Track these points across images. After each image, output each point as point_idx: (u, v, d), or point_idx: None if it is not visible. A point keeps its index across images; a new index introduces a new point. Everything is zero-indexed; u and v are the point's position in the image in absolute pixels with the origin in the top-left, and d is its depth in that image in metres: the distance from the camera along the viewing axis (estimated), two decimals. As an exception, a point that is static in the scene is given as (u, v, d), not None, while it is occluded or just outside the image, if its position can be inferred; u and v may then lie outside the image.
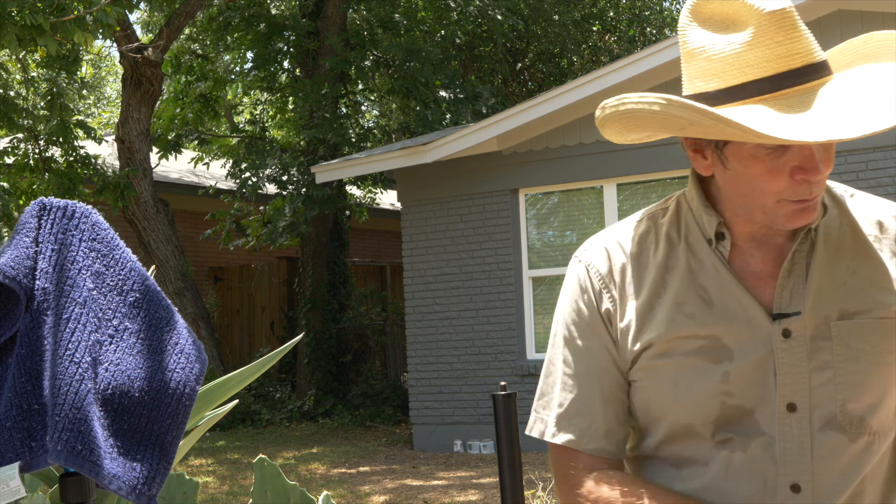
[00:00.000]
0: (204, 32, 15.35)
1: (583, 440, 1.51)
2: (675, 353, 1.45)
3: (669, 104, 1.31)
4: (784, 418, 1.41)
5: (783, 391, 1.41)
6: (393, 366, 14.39)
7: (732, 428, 1.43)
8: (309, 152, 13.72)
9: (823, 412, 1.41)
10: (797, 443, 1.40)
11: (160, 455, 1.40)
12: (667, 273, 1.48)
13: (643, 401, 1.50)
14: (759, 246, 1.46)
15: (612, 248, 1.54)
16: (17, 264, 1.33)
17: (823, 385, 1.40)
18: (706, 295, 1.45)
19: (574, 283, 1.55)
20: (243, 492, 8.15)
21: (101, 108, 28.59)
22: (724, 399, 1.42)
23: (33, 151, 12.21)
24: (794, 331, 1.41)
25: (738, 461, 1.43)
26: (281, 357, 2.58)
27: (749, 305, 1.43)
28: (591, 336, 1.52)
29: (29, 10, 8.15)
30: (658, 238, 1.52)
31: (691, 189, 1.51)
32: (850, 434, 1.41)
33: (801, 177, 1.34)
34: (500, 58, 18.22)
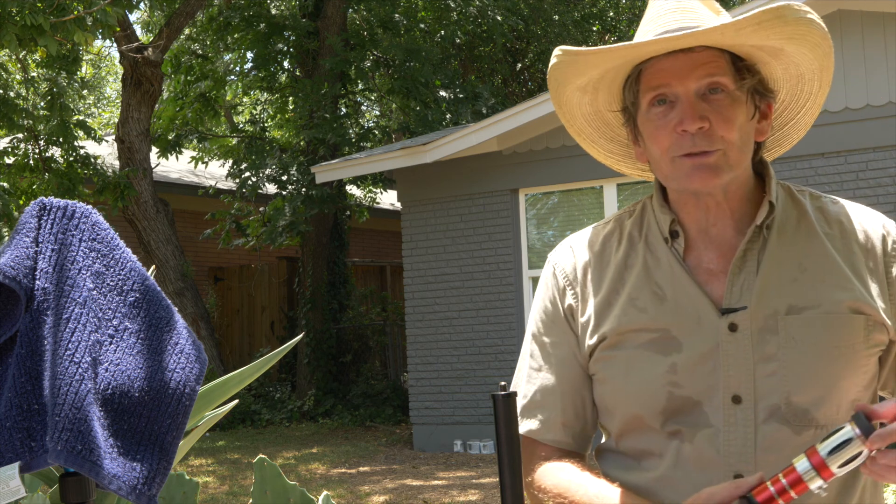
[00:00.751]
0: (204, 32, 15.35)
1: (541, 431, 1.59)
2: (627, 346, 1.52)
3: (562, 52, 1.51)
4: (729, 410, 1.45)
5: (728, 383, 1.46)
6: (393, 366, 14.39)
7: (680, 419, 1.48)
8: (309, 152, 13.72)
9: (768, 404, 1.45)
10: (741, 434, 1.45)
11: (160, 455, 1.40)
12: (626, 270, 1.57)
13: (600, 394, 1.57)
14: (713, 243, 1.53)
15: (577, 248, 1.65)
16: (17, 264, 1.33)
17: (768, 377, 1.45)
18: (660, 291, 1.52)
19: (543, 283, 1.66)
20: (243, 492, 8.15)
21: (102, 109, 28.59)
22: (672, 390, 1.48)
23: (33, 151, 12.21)
24: (740, 324, 1.46)
25: (686, 452, 1.47)
26: (281, 357, 2.58)
27: (699, 300, 1.49)
28: (555, 332, 1.61)
29: (29, 10, 8.15)
30: (621, 238, 1.61)
31: (654, 190, 1.61)
32: (795, 426, 1.45)
33: (681, 128, 1.44)
34: (499, 58, 18.22)
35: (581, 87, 1.58)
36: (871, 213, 1.56)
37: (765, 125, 1.53)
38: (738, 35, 1.43)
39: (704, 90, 1.46)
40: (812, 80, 1.54)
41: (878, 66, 8.36)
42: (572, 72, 1.53)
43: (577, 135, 1.66)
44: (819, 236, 1.52)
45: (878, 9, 8.36)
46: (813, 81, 1.55)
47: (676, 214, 1.55)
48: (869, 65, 8.40)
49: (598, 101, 1.60)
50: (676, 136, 1.45)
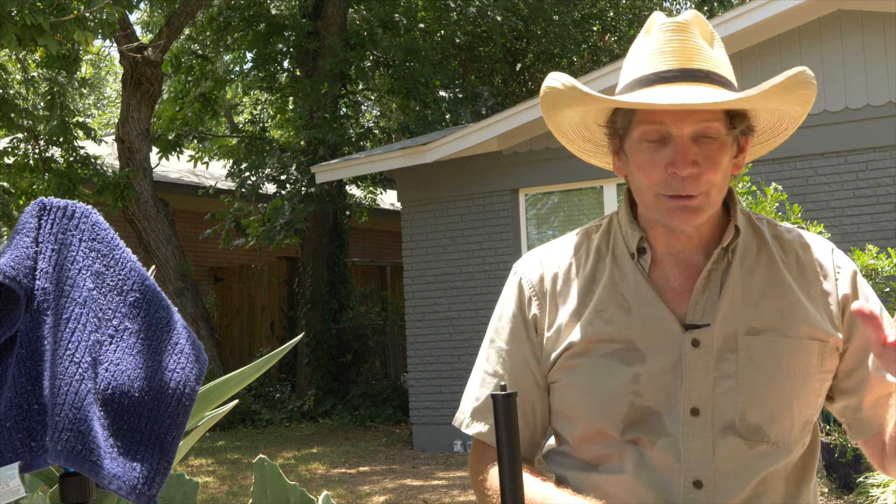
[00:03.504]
0: (204, 32, 15.35)
1: (490, 435, 1.63)
2: (592, 355, 1.56)
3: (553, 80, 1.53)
4: (688, 421, 1.51)
5: (688, 395, 1.51)
6: (393, 366, 14.39)
7: (640, 427, 1.53)
8: (309, 152, 13.72)
9: (724, 418, 1.51)
10: (700, 444, 1.50)
11: (160, 455, 1.40)
12: (593, 283, 1.61)
13: (560, 401, 1.62)
14: (678, 262, 1.58)
15: (545, 260, 1.68)
16: (17, 264, 1.33)
17: (726, 393, 1.51)
18: (625, 303, 1.57)
19: (507, 291, 1.71)
20: (243, 492, 8.15)
21: (102, 110, 28.59)
22: (634, 399, 1.53)
23: (33, 151, 12.21)
24: (702, 341, 1.52)
25: (647, 458, 1.53)
26: (281, 357, 2.58)
27: (664, 315, 1.54)
28: (514, 340, 1.66)
29: (29, 10, 8.15)
30: (589, 251, 1.65)
31: (623, 206, 1.65)
32: (748, 440, 1.51)
33: (672, 170, 1.48)
34: (499, 58, 18.21)
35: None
36: (822, 242, 1.64)
37: (741, 159, 1.58)
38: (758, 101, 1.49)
39: (698, 134, 1.49)
40: (793, 119, 1.60)
41: (878, 66, 8.35)
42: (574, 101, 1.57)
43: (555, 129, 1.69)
44: (778, 264, 1.58)
45: (878, 9, 8.36)
46: (793, 119, 1.60)
47: (644, 232, 1.60)
48: (869, 65, 8.40)
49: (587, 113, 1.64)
50: (666, 175, 1.49)
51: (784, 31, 8.69)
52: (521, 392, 1.61)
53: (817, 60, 8.58)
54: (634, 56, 1.58)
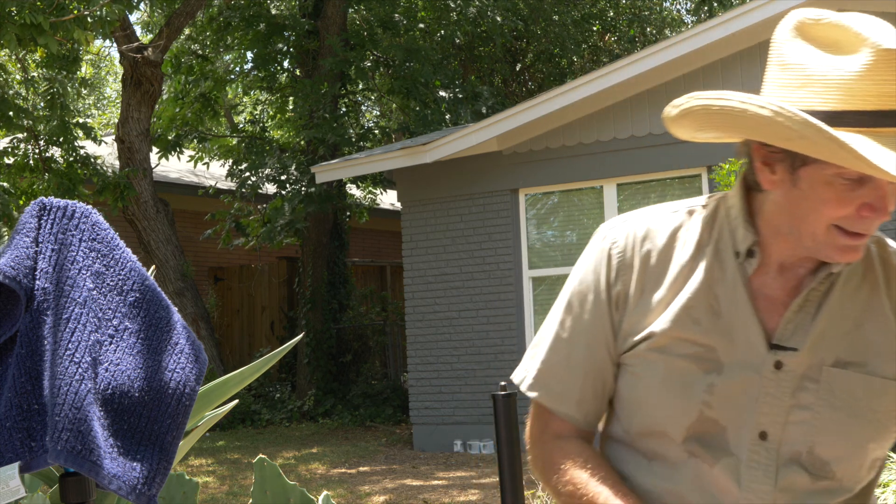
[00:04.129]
0: (204, 32, 15.35)
1: (554, 402, 1.55)
2: (671, 352, 1.46)
3: (781, 114, 1.29)
4: (754, 444, 1.43)
5: (759, 419, 1.43)
6: (393, 366, 14.39)
7: (703, 440, 1.45)
8: (309, 152, 13.72)
9: (791, 448, 1.43)
10: (762, 471, 1.43)
11: (160, 455, 1.40)
12: (688, 273, 1.48)
13: (630, 387, 1.52)
14: (782, 271, 1.46)
15: (640, 232, 1.53)
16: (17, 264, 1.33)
17: (799, 424, 1.43)
18: (716, 305, 1.46)
19: (593, 256, 1.55)
20: (243, 492, 8.15)
21: (102, 110, 28.60)
22: (703, 409, 1.45)
23: (33, 151, 12.21)
24: (786, 364, 1.43)
25: (705, 475, 1.45)
26: (281, 357, 2.58)
27: (752, 328, 1.44)
28: (594, 311, 1.53)
29: (29, 10, 8.15)
30: (689, 235, 1.51)
31: (735, 197, 1.49)
32: (813, 475, 1.43)
33: (868, 213, 1.34)
34: (499, 58, 18.21)
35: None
36: None
37: None
38: None
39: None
40: None
41: (878, 66, 8.34)
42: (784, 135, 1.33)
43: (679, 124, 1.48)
44: (881, 295, 1.47)
45: (878, 9, 8.36)
46: None
47: (759, 233, 1.46)
48: (869, 65, 8.39)
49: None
50: (856, 214, 1.34)
51: (784, 31, 8.69)
52: (596, 366, 1.53)
53: (817, 60, 8.57)
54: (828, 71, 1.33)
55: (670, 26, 20.98)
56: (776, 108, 1.29)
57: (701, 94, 1.38)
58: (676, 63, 8.97)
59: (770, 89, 1.38)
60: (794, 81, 1.35)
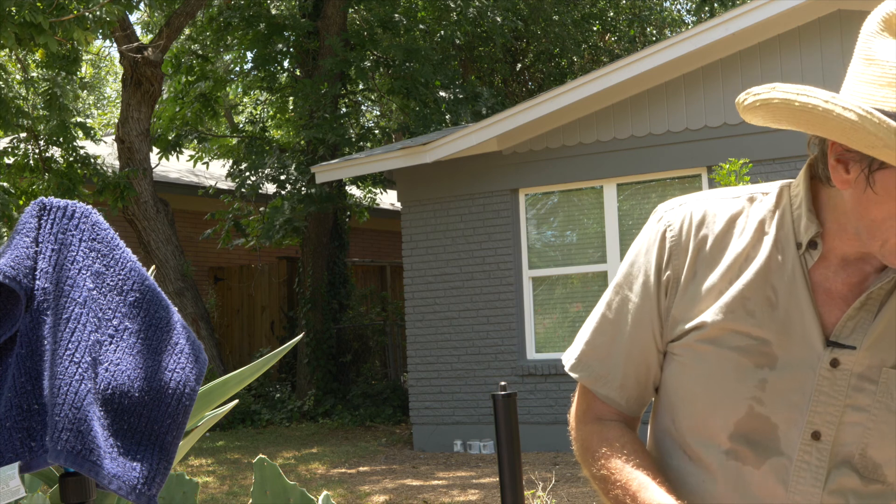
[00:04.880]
0: (204, 32, 15.36)
1: (596, 383, 1.52)
2: (722, 344, 1.42)
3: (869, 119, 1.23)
4: (807, 445, 1.40)
5: (813, 418, 1.39)
6: (393, 366, 14.39)
7: (750, 438, 1.42)
8: (309, 152, 13.73)
9: (844, 450, 1.40)
10: (813, 472, 1.39)
11: (160, 455, 1.40)
12: (745, 262, 1.44)
13: (676, 378, 1.48)
14: (845, 267, 1.42)
15: (697, 216, 1.48)
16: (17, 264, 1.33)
17: (853, 424, 1.39)
18: (773, 296, 1.41)
19: (647, 238, 1.51)
20: (243, 492, 8.15)
21: (102, 110, 28.60)
22: (754, 405, 1.41)
23: (33, 151, 12.21)
24: (843, 363, 1.39)
25: (747, 476, 1.42)
26: (281, 357, 2.58)
27: (810, 323, 1.40)
28: (643, 294, 1.49)
29: (28, 9, 8.15)
30: (748, 223, 1.46)
31: (800, 187, 1.45)
32: (864, 478, 1.40)
33: None
34: (499, 58, 18.22)
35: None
36: None
37: None
38: None
39: None
40: None
41: (878, 66, 8.35)
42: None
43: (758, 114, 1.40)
44: None
45: (878, 9, 8.35)
46: None
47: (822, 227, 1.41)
48: (869, 65, 8.39)
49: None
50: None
51: (784, 31, 8.69)
52: (641, 352, 1.49)
53: (817, 60, 8.58)
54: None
55: (670, 26, 20.98)
56: (863, 113, 1.23)
57: (785, 88, 1.31)
58: (676, 63, 8.97)
59: (852, 85, 1.32)
60: (878, 79, 1.28)
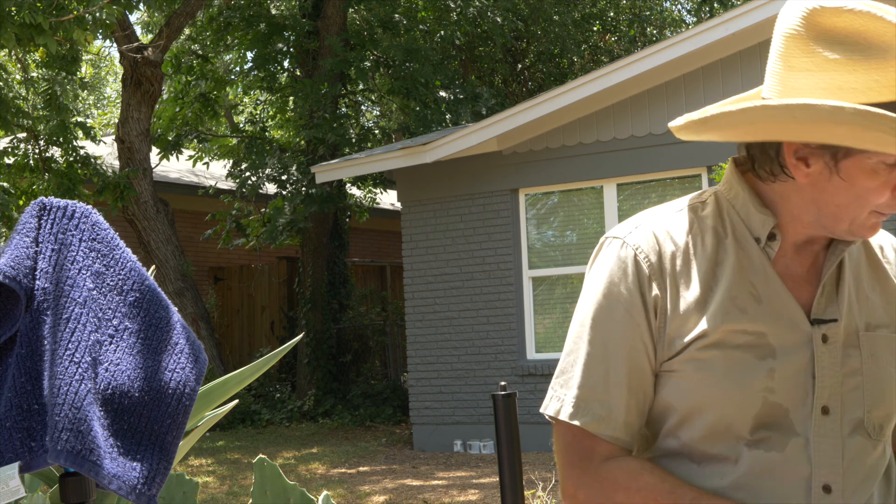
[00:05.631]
0: (204, 32, 15.36)
1: (601, 426, 1.47)
2: (727, 345, 1.45)
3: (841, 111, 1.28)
4: (819, 420, 1.45)
5: (820, 394, 1.46)
6: (393, 366, 14.39)
7: (770, 426, 1.45)
8: (309, 152, 13.73)
9: (852, 417, 1.47)
10: (830, 445, 1.45)
11: (160, 455, 1.40)
12: (716, 266, 1.48)
13: (681, 394, 1.48)
14: (798, 251, 1.51)
15: (661, 234, 1.51)
16: (17, 264, 1.33)
17: (853, 391, 1.47)
18: (755, 291, 1.47)
19: (616, 266, 1.50)
20: (243, 492, 8.15)
21: (102, 110, 28.60)
22: (767, 395, 1.44)
23: (33, 151, 12.21)
24: (831, 336, 1.47)
25: (772, 460, 1.45)
26: (281, 357, 2.58)
27: (792, 307, 1.47)
28: (629, 322, 1.48)
29: (28, 10, 8.15)
30: (703, 230, 1.51)
31: (735, 188, 1.52)
32: (873, 440, 1.48)
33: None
34: (500, 58, 18.22)
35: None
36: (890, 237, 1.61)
37: None
38: None
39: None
40: None
41: (878, 66, 8.35)
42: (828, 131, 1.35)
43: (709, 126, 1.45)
44: (878, 258, 1.56)
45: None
46: None
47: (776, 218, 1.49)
48: (869, 65, 8.40)
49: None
50: (892, 198, 1.39)
51: (784, 31, 8.69)
52: (640, 382, 1.48)
53: (817, 60, 8.58)
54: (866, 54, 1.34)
55: (670, 26, 20.98)
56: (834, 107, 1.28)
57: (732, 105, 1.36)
58: (676, 63, 8.97)
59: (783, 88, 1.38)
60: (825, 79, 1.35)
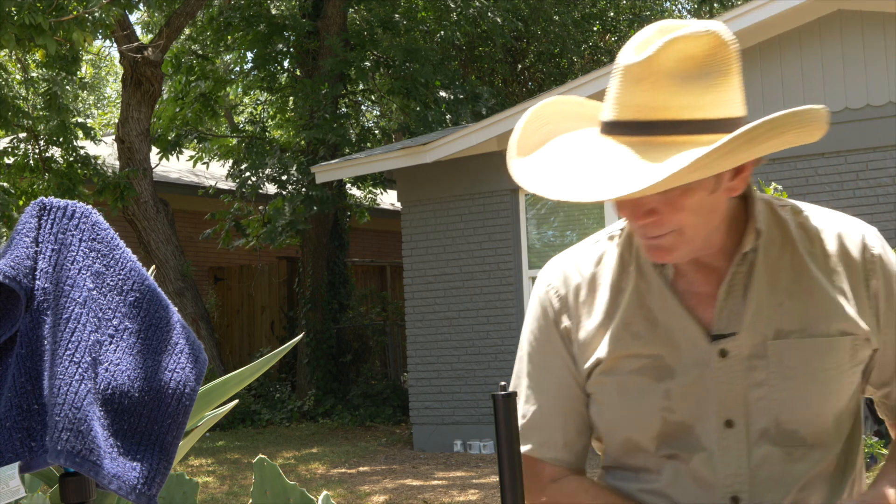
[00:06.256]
0: (204, 32, 15.35)
1: (542, 450, 1.60)
2: (620, 371, 1.53)
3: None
4: (722, 433, 1.48)
5: (720, 408, 1.48)
6: (393, 366, 14.39)
7: (674, 443, 1.51)
8: (309, 152, 13.72)
9: (759, 427, 1.48)
10: (735, 456, 1.48)
11: (160, 455, 1.40)
12: (618, 295, 1.55)
13: (597, 414, 1.59)
14: (701, 269, 1.52)
15: (569, 269, 1.61)
16: (17, 264, 1.33)
17: (758, 401, 1.48)
18: (651, 315, 1.52)
19: (536, 303, 1.64)
20: (243, 492, 8.15)
21: (102, 109, 28.60)
22: (666, 415, 1.50)
23: (33, 151, 12.21)
24: (730, 350, 1.48)
25: (683, 472, 1.51)
26: (281, 357, 2.58)
27: (689, 327, 1.50)
28: (552, 353, 1.60)
29: (28, 10, 8.15)
30: (611, 260, 1.59)
31: None
32: (784, 447, 1.48)
33: (634, 220, 1.45)
34: (500, 58, 18.22)
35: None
36: (851, 226, 1.55)
37: (738, 182, 1.45)
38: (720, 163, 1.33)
39: None
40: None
41: (878, 66, 8.36)
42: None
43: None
44: (802, 257, 1.51)
45: (878, 9, 8.36)
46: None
47: None
48: (869, 65, 8.40)
49: None
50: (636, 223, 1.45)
51: (784, 31, 8.69)
52: (572, 404, 1.60)
53: (817, 60, 8.58)
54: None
55: (670, 26, 20.92)
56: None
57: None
58: (676, 63, 8.97)
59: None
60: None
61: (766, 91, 8.62)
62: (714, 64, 1.36)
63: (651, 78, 1.35)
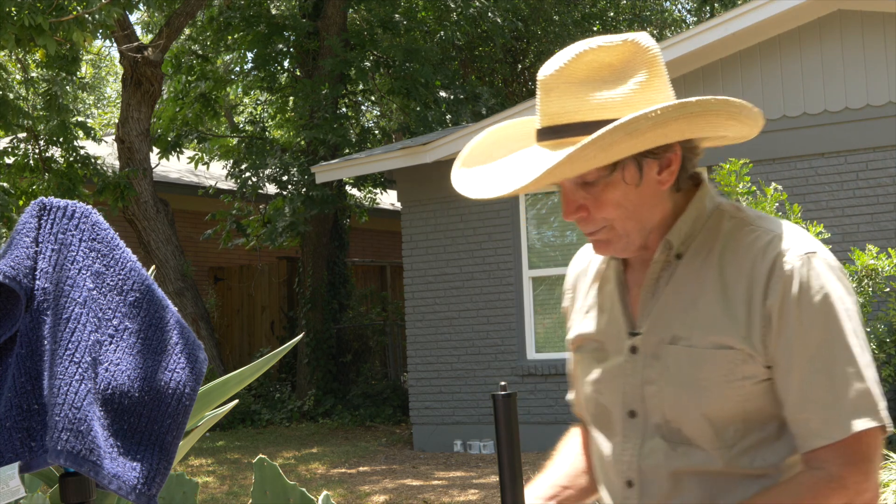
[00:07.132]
0: (204, 32, 15.35)
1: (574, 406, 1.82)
2: (581, 350, 1.71)
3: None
4: (627, 423, 1.60)
5: (625, 399, 1.60)
6: (393, 366, 14.39)
7: (601, 424, 1.66)
8: (309, 152, 13.72)
9: (653, 421, 1.57)
10: (632, 445, 1.59)
11: (160, 455, 1.40)
12: (597, 281, 1.71)
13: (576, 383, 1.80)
14: (643, 263, 1.62)
15: (580, 254, 1.80)
16: (17, 264, 1.33)
17: (651, 398, 1.57)
18: (605, 303, 1.67)
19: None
20: (243, 492, 8.16)
21: (102, 109, 28.59)
22: (597, 396, 1.65)
23: (33, 151, 12.20)
24: (639, 347, 1.59)
25: (601, 452, 1.66)
26: (281, 357, 2.58)
27: (620, 319, 1.63)
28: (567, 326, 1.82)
29: (28, 10, 8.15)
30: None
31: None
32: (671, 442, 1.56)
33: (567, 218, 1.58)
34: (500, 58, 18.22)
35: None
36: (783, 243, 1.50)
37: (666, 175, 1.52)
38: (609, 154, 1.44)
39: (580, 181, 1.52)
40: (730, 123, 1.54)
41: (878, 66, 8.36)
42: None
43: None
44: (714, 269, 1.53)
45: (878, 9, 8.36)
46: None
47: None
48: (869, 65, 8.40)
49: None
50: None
51: (784, 31, 8.69)
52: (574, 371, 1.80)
53: (817, 60, 8.58)
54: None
55: (671, 26, 20.98)
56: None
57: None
58: (676, 63, 8.97)
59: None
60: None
61: (766, 91, 8.63)
62: (633, 69, 1.48)
63: (562, 86, 1.49)
